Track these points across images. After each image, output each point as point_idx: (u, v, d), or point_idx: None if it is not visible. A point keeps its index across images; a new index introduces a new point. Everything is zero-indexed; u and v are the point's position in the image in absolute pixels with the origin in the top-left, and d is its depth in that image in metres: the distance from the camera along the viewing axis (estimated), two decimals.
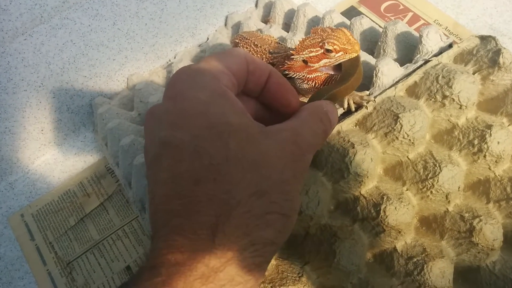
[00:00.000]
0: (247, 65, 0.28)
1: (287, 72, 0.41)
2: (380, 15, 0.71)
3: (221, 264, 0.22)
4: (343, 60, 0.36)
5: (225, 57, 0.27)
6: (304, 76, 0.40)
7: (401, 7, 0.71)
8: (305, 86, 0.41)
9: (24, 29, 0.52)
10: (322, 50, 0.37)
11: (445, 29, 0.68)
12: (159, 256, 0.22)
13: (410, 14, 0.70)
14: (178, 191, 0.23)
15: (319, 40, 0.37)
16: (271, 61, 0.45)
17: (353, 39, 0.36)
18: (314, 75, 0.39)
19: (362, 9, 0.72)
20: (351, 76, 0.34)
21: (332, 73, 0.39)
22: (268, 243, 0.23)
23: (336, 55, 0.36)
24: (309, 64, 0.39)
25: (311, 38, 0.39)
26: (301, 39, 0.40)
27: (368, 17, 0.58)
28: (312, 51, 0.38)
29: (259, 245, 0.23)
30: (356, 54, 0.35)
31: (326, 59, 0.37)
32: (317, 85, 0.40)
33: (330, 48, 0.36)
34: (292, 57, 0.40)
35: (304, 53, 0.39)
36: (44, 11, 0.52)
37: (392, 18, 0.70)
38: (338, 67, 0.38)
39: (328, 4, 0.73)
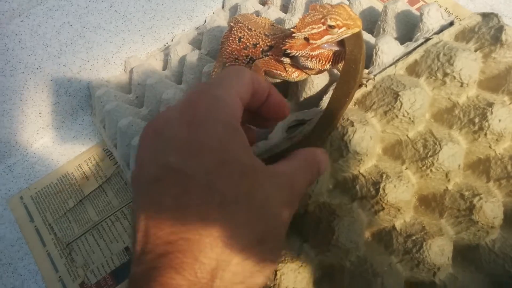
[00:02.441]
0: (253, 86, 0.28)
1: (289, 51, 0.40)
2: None
3: None
4: (345, 35, 0.36)
5: (237, 83, 0.27)
6: (307, 53, 0.39)
7: None
8: (308, 63, 0.40)
9: (20, 10, 0.52)
10: (325, 27, 0.36)
11: (445, 10, 0.67)
12: None
13: None
14: (183, 223, 0.22)
15: (320, 16, 0.37)
16: (269, 43, 0.44)
17: (354, 15, 0.36)
18: (318, 52, 0.39)
19: None
20: (359, 63, 0.35)
21: (335, 49, 0.38)
22: None
23: (339, 31, 0.36)
24: (311, 41, 0.38)
25: (311, 15, 0.38)
26: (301, 17, 0.39)
27: None
28: (314, 28, 0.37)
29: None
30: (359, 30, 0.35)
31: (329, 35, 0.37)
32: (321, 61, 0.39)
33: (333, 23, 0.35)
34: (293, 35, 0.39)
35: (305, 30, 0.38)
36: None
37: None
38: (340, 43, 0.37)
39: None
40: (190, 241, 0.22)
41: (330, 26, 0.36)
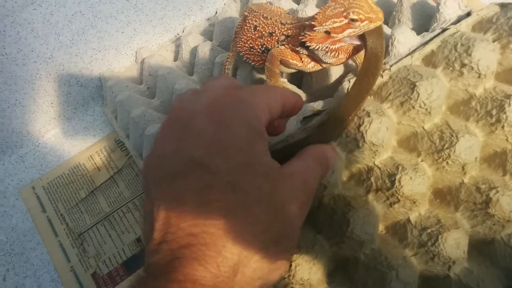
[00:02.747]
0: (283, 103, 0.29)
1: (308, 44, 0.39)
2: None
3: None
4: (367, 29, 0.35)
5: (268, 96, 0.28)
6: (327, 47, 0.39)
7: None
8: (327, 56, 0.40)
9: None
10: (347, 20, 0.36)
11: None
12: (176, 282, 0.21)
13: None
14: (206, 217, 0.22)
15: (342, 9, 0.36)
16: (286, 32, 0.43)
17: (376, 7, 0.35)
18: (338, 46, 0.38)
19: None
20: (379, 60, 0.34)
21: (356, 43, 0.37)
22: (272, 285, 0.25)
23: (361, 25, 0.35)
24: (332, 34, 0.38)
25: (332, 7, 0.37)
26: (321, 9, 0.39)
27: None
28: (336, 22, 0.37)
29: None
30: (381, 23, 0.35)
31: (351, 29, 0.36)
32: (340, 55, 0.39)
33: (355, 17, 0.35)
34: (314, 29, 0.38)
35: (327, 24, 0.37)
36: None
37: None
38: (361, 37, 0.37)
39: None
40: (214, 235, 0.22)
41: (352, 20, 0.35)
